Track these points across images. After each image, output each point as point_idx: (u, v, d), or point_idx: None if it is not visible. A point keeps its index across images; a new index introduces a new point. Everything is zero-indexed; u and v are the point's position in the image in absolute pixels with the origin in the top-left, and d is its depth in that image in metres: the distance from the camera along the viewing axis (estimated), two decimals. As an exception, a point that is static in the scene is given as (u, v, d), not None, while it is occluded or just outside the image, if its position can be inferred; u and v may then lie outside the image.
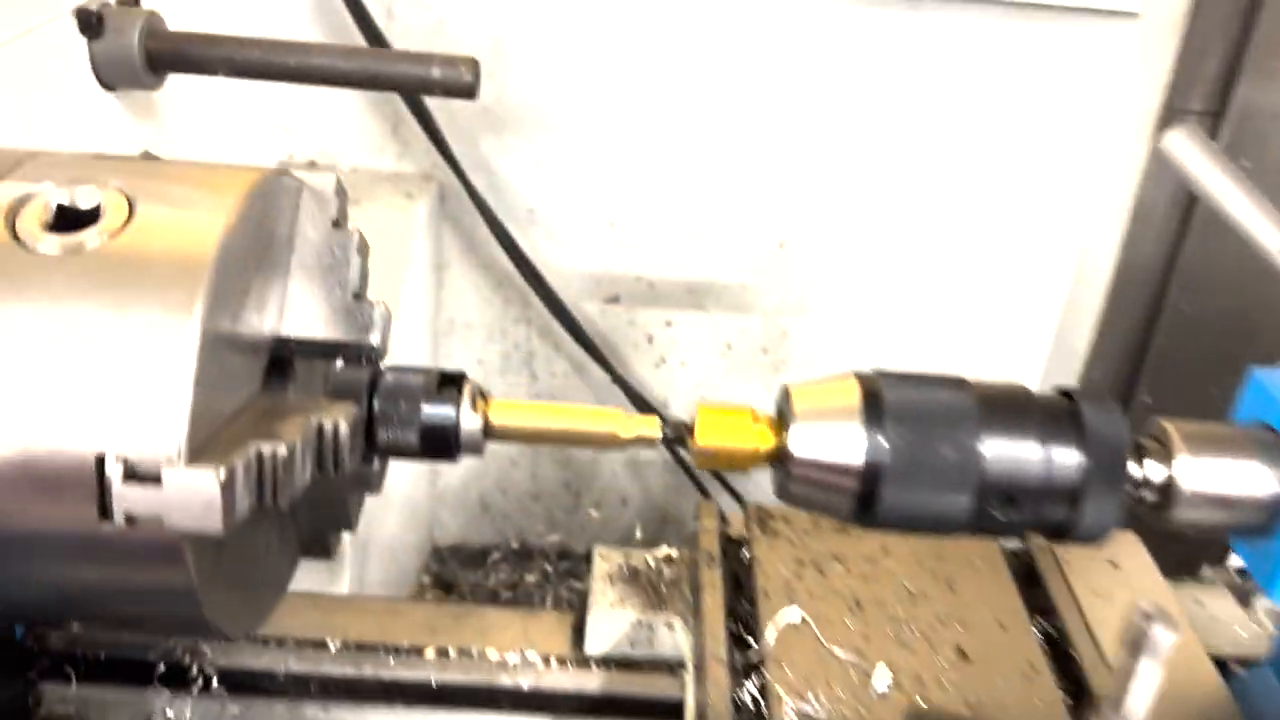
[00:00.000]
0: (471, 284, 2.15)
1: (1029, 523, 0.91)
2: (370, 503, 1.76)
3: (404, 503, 2.07)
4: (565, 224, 2.11)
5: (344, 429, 0.84)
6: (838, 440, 0.90)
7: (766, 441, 0.93)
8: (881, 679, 1.02)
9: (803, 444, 0.91)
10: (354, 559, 1.72)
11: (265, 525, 0.92)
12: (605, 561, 1.32)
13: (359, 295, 0.92)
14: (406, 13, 1.88)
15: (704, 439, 0.94)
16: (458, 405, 0.92)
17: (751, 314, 2.15)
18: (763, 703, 1.00)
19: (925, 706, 0.98)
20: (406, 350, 1.99)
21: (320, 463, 0.85)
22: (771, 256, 2.12)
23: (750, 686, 1.02)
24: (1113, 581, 1.21)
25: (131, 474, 0.73)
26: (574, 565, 2.26)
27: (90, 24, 1.24)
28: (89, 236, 0.78)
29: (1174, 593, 1.25)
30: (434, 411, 0.91)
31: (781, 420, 0.94)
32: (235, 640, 0.90)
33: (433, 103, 1.93)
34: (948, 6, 1.86)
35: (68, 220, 0.79)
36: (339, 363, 0.93)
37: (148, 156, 1.01)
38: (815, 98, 1.98)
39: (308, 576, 1.22)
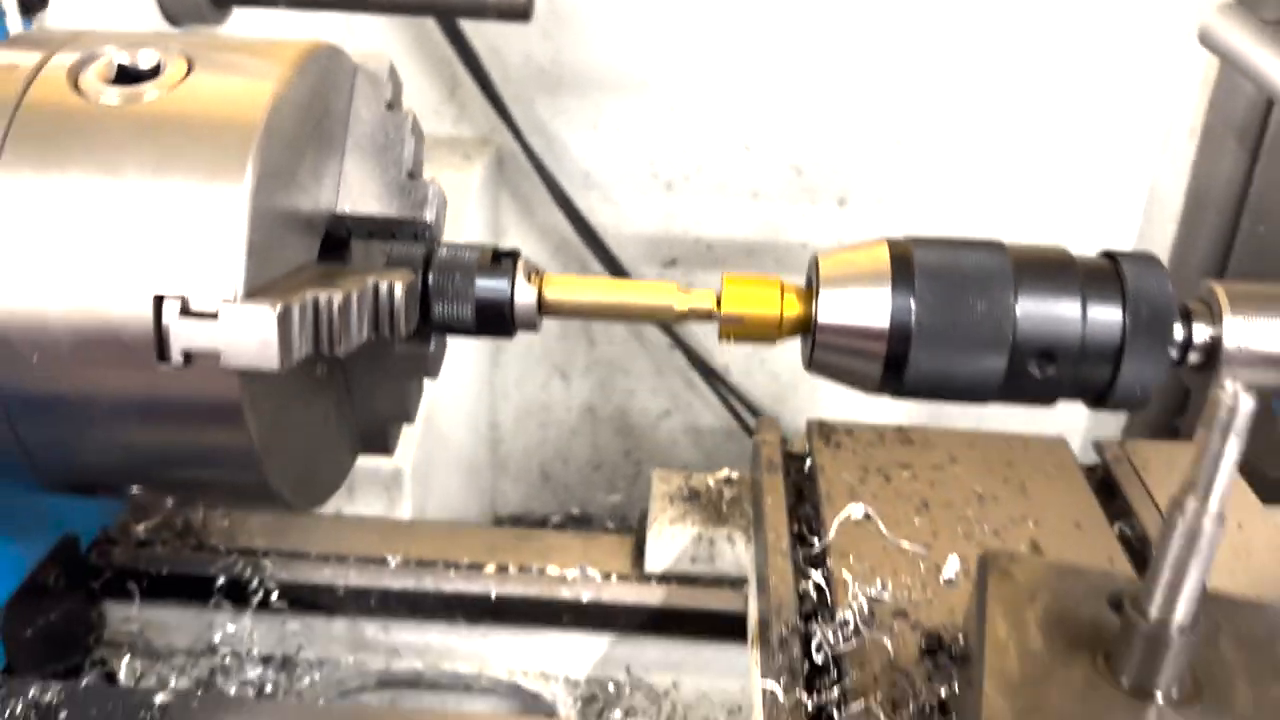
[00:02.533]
0: (529, 248, 2.15)
1: (1067, 383, 0.88)
2: (432, 467, 1.76)
3: (465, 469, 2.07)
4: (622, 187, 2.10)
5: (399, 290, 0.84)
6: (865, 304, 0.87)
7: (793, 309, 0.91)
8: (951, 567, 0.99)
9: (830, 309, 0.89)
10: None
11: (323, 398, 0.92)
12: (664, 483, 1.31)
13: (413, 174, 0.92)
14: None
15: (730, 306, 0.92)
16: (512, 279, 0.91)
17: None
18: (828, 591, 0.97)
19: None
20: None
21: (376, 324, 0.85)
22: (831, 215, 2.10)
23: (815, 577, 0.99)
24: (1192, 487, 1.16)
25: (188, 310, 0.73)
26: (633, 527, 2.24)
27: (155, -44, 1.27)
28: (148, 89, 0.79)
29: (1265, 510, 1.20)
30: (488, 285, 0.90)
31: (810, 289, 0.92)
32: (301, 510, 0.89)
33: (490, 65, 1.94)
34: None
35: (128, 78, 0.81)
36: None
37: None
38: (873, 51, 1.96)
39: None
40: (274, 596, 1.20)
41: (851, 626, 0.91)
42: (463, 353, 1.97)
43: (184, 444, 0.80)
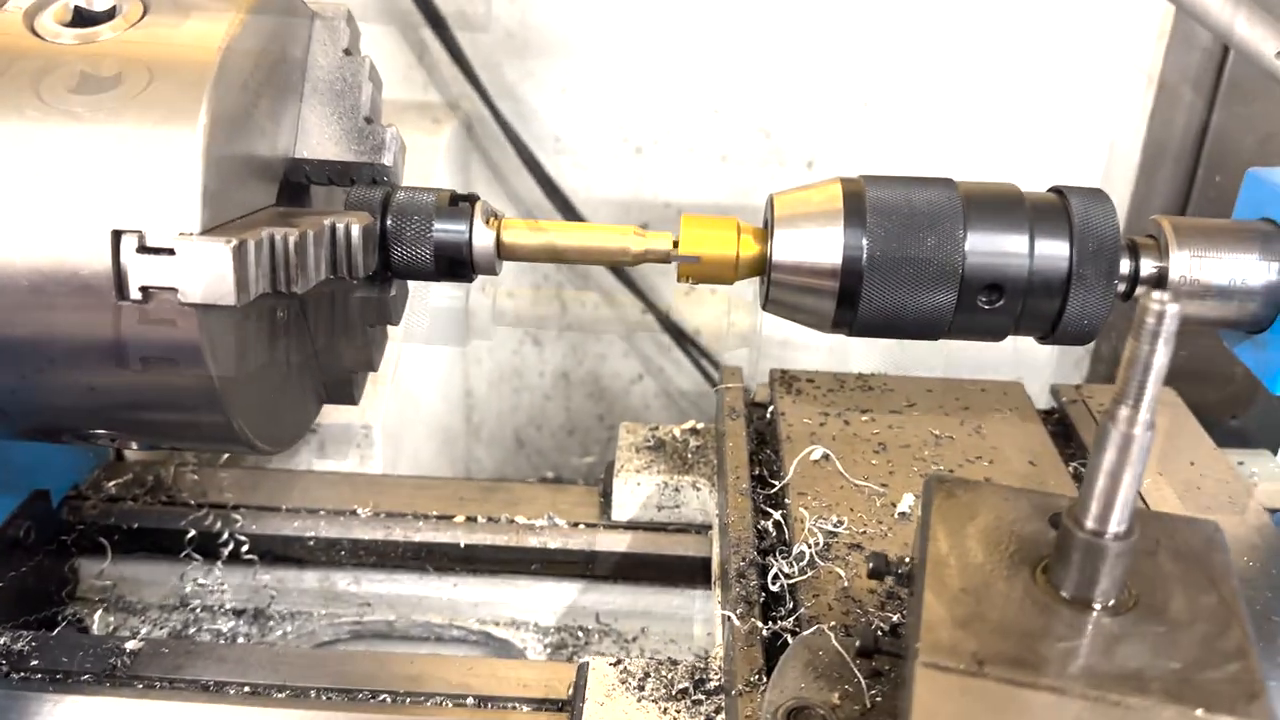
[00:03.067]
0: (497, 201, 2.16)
1: (1016, 317, 0.90)
2: (404, 428, 1.77)
3: (439, 435, 2.08)
4: (592, 151, 2.11)
5: (356, 231, 0.85)
6: (818, 241, 0.89)
7: (750, 249, 0.93)
8: (905, 503, 1.01)
9: (784, 248, 0.91)
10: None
11: (285, 343, 0.93)
12: (631, 434, 1.32)
13: (370, 119, 0.93)
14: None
15: (687, 247, 0.94)
16: (470, 222, 0.93)
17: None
18: (786, 529, 0.99)
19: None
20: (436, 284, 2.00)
21: (334, 265, 0.86)
22: (800, 177, 2.11)
23: (776, 516, 1.01)
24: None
25: (145, 247, 0.75)
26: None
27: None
28: (104, 30, 0.80)
29: (1217, 450, 1.22)
30: (446, 228, 0.92)
31: (766, 229, 0.94)
32: (263, 452, 0.91)
33: (457, 29, 1.95)
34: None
35: (85, 20, 0.81)
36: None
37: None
38: (839, 14, 1.97)
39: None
40: (244, 549, 1.21)
41: (807, 559, 0.93)
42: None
43: (144, 384, 0.81)
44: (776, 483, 1.08)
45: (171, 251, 0.74)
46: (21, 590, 1.13)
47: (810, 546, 0.94)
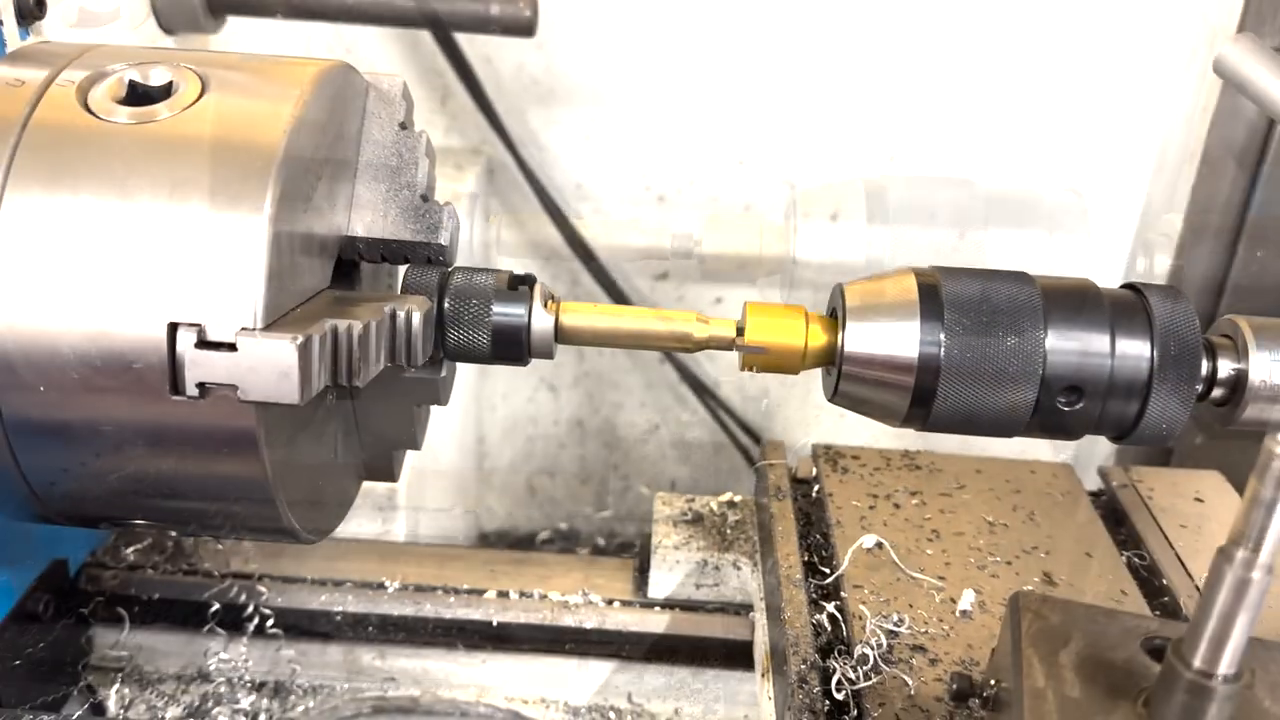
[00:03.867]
0: (520, 261, 2.12)
1: (1094, 418, 0.87)
2: (424, 485, 1.73)
3: (452, 483, 2.04)
4: (614, 199, 2.08)
5: (417, 318, 0.82)
6: (893, 336, 0.86)
7: (818, 340, 0.90)
8: (966, 600, 0.98)
9: (857, 340, 0.87)
10: (406, 537, 1.69)
11: (332, 426, 0.89)
12: (667, 506, 1.29)
13: (426, 197, 0.90)
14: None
15: (754, 336, 0.91)
16: (529, 305, 0.89)
17: (803, 289, 2.11)
18: (843, 624, 0.96)
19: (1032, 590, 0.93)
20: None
21: (393, 352, 0.82)
22: (824, 230, 2.09)
23: (830, 609, 0.98)
24: (1200, 516, 1.16)
25: (205, 342, 0.71)
26: (623, 544, 2.22)
27: (151, -37, 1.24)
28: (161, 109, 0.76)
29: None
30: (505, 311, 0.89)
31: (834, 319, 0.91)
32: (310, 543, 0.87)
33: (482, 75, 1.92)
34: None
35: (139, 97, 0.78)
36: (407, 266, 0.91)
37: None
38: (865, 65, 1.95)
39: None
40: (269, 623, 1.17)
41: (870, 663, 0.89)
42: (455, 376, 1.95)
43: (194, 477, 0.77)
44: (827, 570, 1.05)
45: (233, 347, 0.70)
46: (38, 665, 1.08)
47: (873, 649, 0.91)
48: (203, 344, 0.71)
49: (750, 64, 1.96)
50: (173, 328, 0.71)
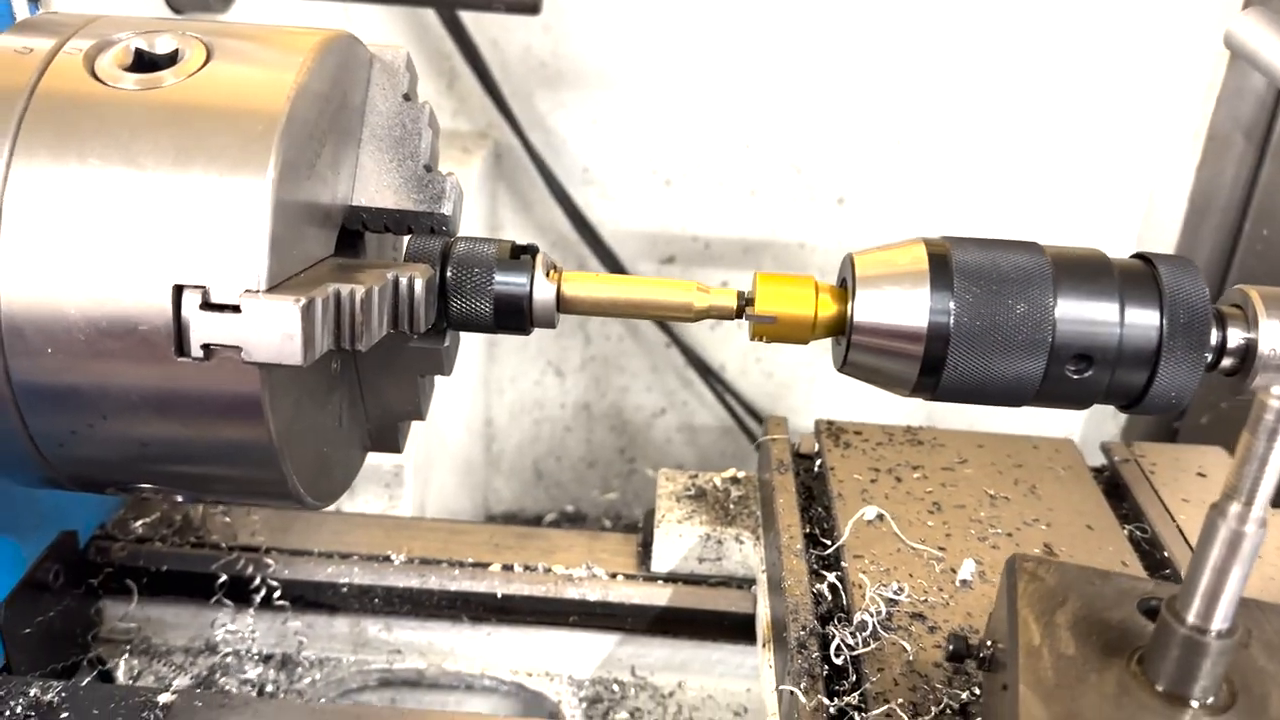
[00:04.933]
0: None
1: (1103, 387, 0.88)
2: (431, 464, 1.74)
3: (460, 465, 2.05)
4: (620, 183, 2.09)
5: (419, 285, 0.83)
6: (903, 304, 0.87)
7: (828, 309, 0.90)
8: (966, 569, 0.98)
9: (867, 310, 0.88)
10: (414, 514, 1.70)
11: (337, 394, 0.90)
12: (671, 482, 1.29)
13: (429, 167, 0.91)
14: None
15: (764, 305, 0.91)
16: (531, 274, 0.90)
17: (810, 273, 2.11)
18: (844, 593, 0.97)
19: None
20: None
21: (396, 319, 0.83)
22: (830, 213, 2.10)
23: (830, 578, 0.98)
24: (1202, 490, 1.16)
25: (209, 303, 0.72)
26: (630, 526, 2.23)
27: (159, -59, 1.24)
28: (167, 76, 0.77)
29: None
30: (507, 280, 0.89)
31: (844, 288, 0.92)
32: (315, 508, 0.88)
33: (490, 58, 1.93)
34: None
35: (146, 64, 0.79)
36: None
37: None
38: (874, 51, 1.96)
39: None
40: (276, 595, 1.18)
41: (870, 629, 0.90)
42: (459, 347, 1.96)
43: (200, 439, 0.78)
44: (829, 542, 1.05)
45: (236, 309, 0.71)
46: (48, 634, 1.10)
47: (872, 616, 0.91)
48: (207, 305, 0.72)
49: (757, 48, 1.97)
50: (178, 290, 0.72)
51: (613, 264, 2.08)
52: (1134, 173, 1.90)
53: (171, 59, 0.79)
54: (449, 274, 0.89)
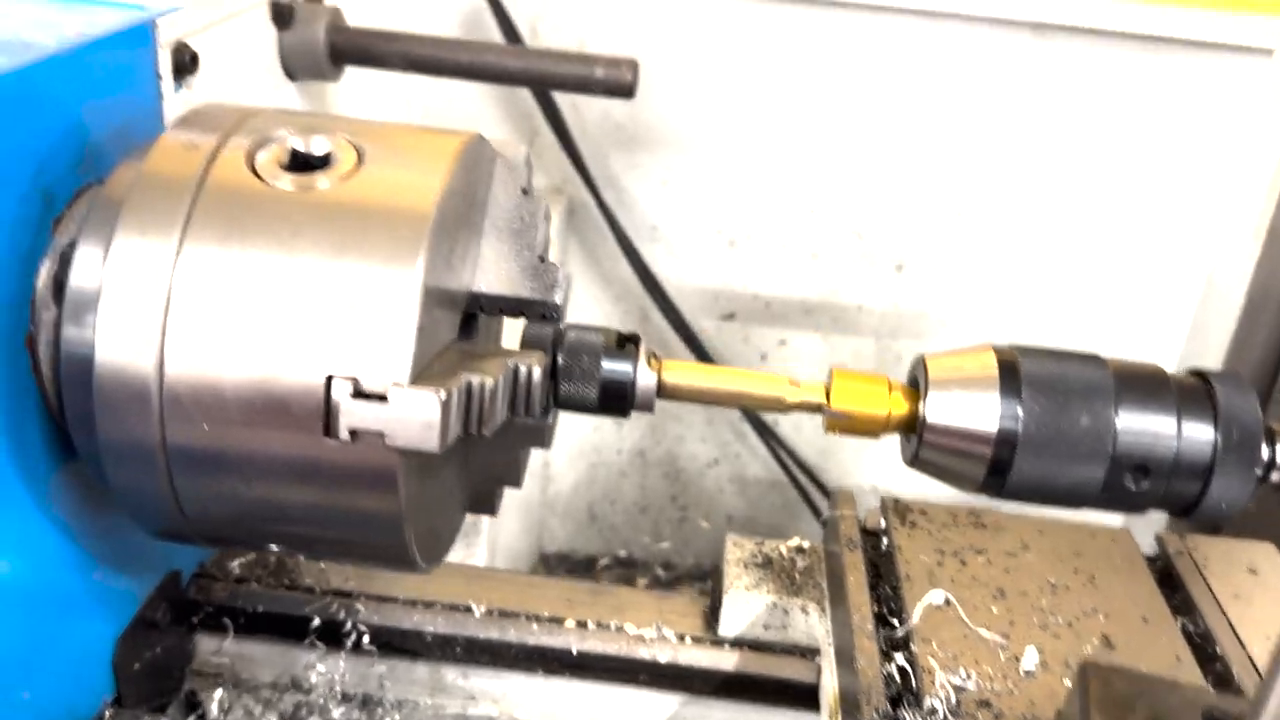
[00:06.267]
0: (593, 296, 2.21)
1: (1159, 496, 0.93)
2: (503, 511, 1.81)
3: (520, 506, 2.12)
4: (686, 241, 2.16)
5: (537, 373, 0.89)
6: (974, 408, 0.92)
7: (900, 408, 0.96)
8: (1030, 659, 1.03)
9: (939, 410, 0.94)
10: (486, 560, 1.77)
11: (450, 465, 0.97)
12: (738, 549, 1.35)
13: (543, 258, 0.98)
14: (549, 31, 1.97)
15: (839, 403, 0.97)
16: (635, 363, 0.96)
17: (866, 336, 2.18)
18: (912, 676, 1.02)
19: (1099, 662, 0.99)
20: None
21: (513, 404, 0.90)
22: (888, 279, 2.15)
23: (899, 659, 1.04)
24: (1253, 587, 1.20)
25: (359, 393, 0.79)
26: (680, 575, 2.29)
27: (283, 16, 1.33)
28: (320, 179, 0.84)
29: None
30: (614, 367, 0.96)
31: (915, 388, 0.97)
32: (425, 572, 0.94)
33: (569, 119, 2.01)
34: (1075, 37, 1.89)
35: (300, 164, 0.86)
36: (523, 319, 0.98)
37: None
38: (938, 122, 2.02)
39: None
40: (365, 639, 1.24)
41: (940, 715, 0.95)
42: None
43: (334, 508, 0.85)
44: (896, 622, 1.10)
45: (384, 399, 0.78)
46: (153, 669, 1.16)
47: (942, 702, 0.96)
48: (358, 394, 0.78)
49: (823, 120, 2.04)
50: (329, 379, 0.79)
51: (675, 318, 2.15)
52: (1192, 264, 1.95)
53: (325, 160, 0.86)
54: (560, 360, 0.96)
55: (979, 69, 1.96)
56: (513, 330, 1.03)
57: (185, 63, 1.08)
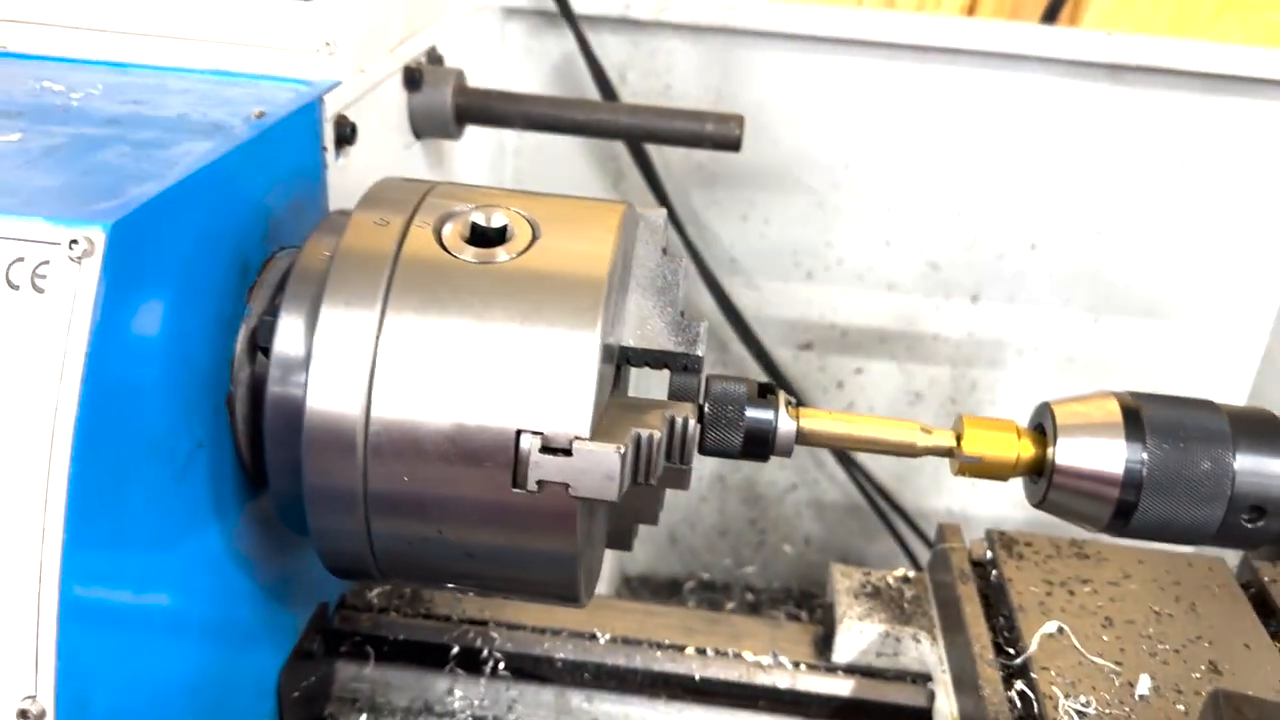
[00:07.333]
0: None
1: (1271, 534, 0.99)
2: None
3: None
4: (765, 274, 2.23)
5: (692, 424, 0.97)
6: (1101, 452, 0.99)
7: (1028, 452, 1.03)
8: (1144, 685, 1.10)
9: (1068, 455, 1.00)
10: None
11: (607, 508, 1.05)
12: (846, 578, 1.42)
13: (683, 313, 1.05)
14: (637, 79, 2.05)
15: (970, 448, 1.04)
16: (776, 411, 1.04)
17: (941, 365, 2.24)
18: (1034, 701, 1.08)
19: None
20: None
21: (669, 452, 0.98)
22: (964, 310, 2.21)
23: (1019, 686, 1.10)
24: (1352, 614, 1.26)
25: (547, 447, 0.87)
26: (766, 599, 2.36)
27: (413, 80, 1.42)
28: (500, 253, 0.93)
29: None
30: (757, 416, 1.03)
31: (1041, 433, 1.04)
32: (583, 606, 1.02)
33: (654, 159, 2.09)
34: (1150, 79, 1.95)
35: (480, 237, 0.95)
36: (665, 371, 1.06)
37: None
38: (1015, 160, 2.08)
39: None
40: (501, 665, 1.32)
41: (1066, 739, 1.02)
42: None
43: (515, 550, 0.93)
44: (1012, 650, 1.17)
45: (569, 453, 0.86)
46: (307, 696, 1.25)
47: (1066, 726, 1.03)
48: (545, 449, 0.86)
49: (896, 151, 2.10)
50: (518, 435, 0.87)
51: (755, 347, 2.22)
52: (1264, 296, 2.00)
53: (502, 234, 0.94)
54: (706, 409, 1.03)
55: (1055, 108, 2.03)
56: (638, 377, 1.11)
57: (346, 134, 1.17)
